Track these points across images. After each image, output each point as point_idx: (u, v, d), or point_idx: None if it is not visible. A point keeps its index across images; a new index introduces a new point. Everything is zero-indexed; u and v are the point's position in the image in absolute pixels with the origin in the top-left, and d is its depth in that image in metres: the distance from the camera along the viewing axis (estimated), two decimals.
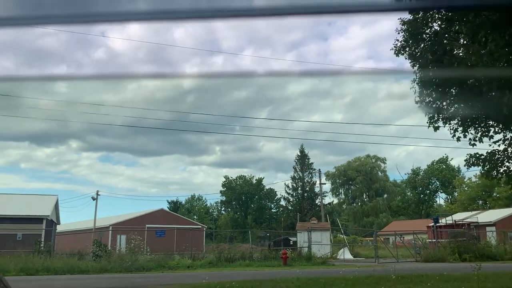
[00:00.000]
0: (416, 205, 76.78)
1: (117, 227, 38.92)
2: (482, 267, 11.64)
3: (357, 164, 75.89)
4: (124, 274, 19.84)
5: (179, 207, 77.60)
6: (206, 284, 13.48)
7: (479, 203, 62.20)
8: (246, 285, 13.09)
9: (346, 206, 79.00)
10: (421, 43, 12.23)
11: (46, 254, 23.79)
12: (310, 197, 60.64)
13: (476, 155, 13.24)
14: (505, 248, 28.88)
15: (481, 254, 26.41)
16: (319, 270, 20.43)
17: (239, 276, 16.32)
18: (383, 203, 72.87)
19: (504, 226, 37.78)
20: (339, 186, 77.74)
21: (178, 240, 36.30)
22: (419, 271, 16.82)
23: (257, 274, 18.06)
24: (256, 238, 46.60)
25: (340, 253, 31.69)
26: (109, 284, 14.05)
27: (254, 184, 76.53)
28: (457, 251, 26.88)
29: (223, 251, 27.07)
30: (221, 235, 62.45)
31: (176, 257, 25.88)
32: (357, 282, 13.78)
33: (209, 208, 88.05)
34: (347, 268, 20.82)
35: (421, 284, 12.86)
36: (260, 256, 27.47)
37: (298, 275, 15.95)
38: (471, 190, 63.69)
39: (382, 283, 13.00)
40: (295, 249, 29.80)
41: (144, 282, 14.98)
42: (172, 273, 20.95)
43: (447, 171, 74.12)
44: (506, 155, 12.95)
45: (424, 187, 76.60)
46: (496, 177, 13.89)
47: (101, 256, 23.57)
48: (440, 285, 12.52)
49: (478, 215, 41.92)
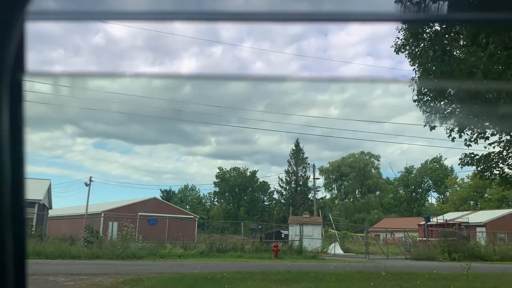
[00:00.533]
0: (408, 203, 77.27)
1: (110, 214, 38.89)
2: (471, 267, 11.79)
3: (351, 160, 76.19)
4: (115, 261, 19.87)
5: (172, 196, 77.64)
6: (197, 274, 13.54)
7: (471, 203, 62.71)
8: (237, 276, 13.16)
9: (338, 202, 79.40)
10: (421, 42, 12.26)
11: (38, 238, 23.75)
12: (303, 191, 60.85)
13: (471, 155, 13.35)
14: (494, 249, 29.17)
15: (470, 254, 26.71)
16: (310, 264, 20.58)
17: (230, 267, 16.40)
18: (375, 200, 73.31)
19: (494, 227, 38.17)
20: (332, 181, 78.11)
21: (170, 229, 36.35)
22: (408, 268, 16.99)
23: (248, 265, 18.15)
24: (248, 230, 46.78)
25: (330, 248, 31.89)
26: (100, 271, 14.08)
27: (248, 176, 76.68)
28: (447, 250, 27.13)
29: (214, 242, 27.17)
30: (213, 225, 62.61)
31: (168, 246, 25.94)
32: (348, 277, 13.89)
33: (202, 199, 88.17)
34: (337, 263, 20.97)
35: (411, 282, 12.99)
36: (252, 248, 27.60)
37: (289, 268, 16.05)
38: (463, 190, 64.18)
39: (372, 279, 13.12)
40: (287, 242, 29.95)
41: (135, 270, 15.02)
42: (164, 261, 21.01)
43: (440, 171, 74.57)
44: (501, 157, 13.05)
45: (417, 185, 77.07)
46: (489, 178, 14.01)
47: (92, 242, 23.57)
48: (429, 284, 12.65)
49: (469, 216, 42.30)
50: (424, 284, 12.59)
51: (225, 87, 72.92)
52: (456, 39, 11.84)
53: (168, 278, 12.64)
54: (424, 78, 12.10)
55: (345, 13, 1.32)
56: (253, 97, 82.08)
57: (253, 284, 11.49)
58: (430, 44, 11.87)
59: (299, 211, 48.38)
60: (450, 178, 70.09)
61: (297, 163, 62.26)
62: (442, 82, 11.75)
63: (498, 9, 1.36)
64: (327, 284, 12.15)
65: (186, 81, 69.37)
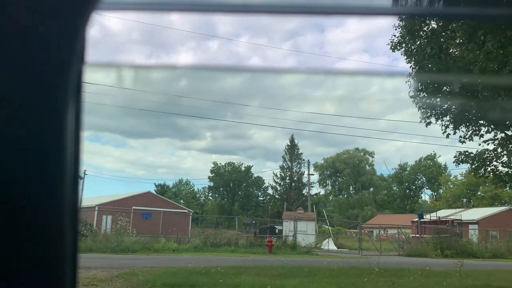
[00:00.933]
0: (401, 200, 77.64)
1: (103, 208, 38.79)
2: (463, 264, 11.87)
3: (345, 156, 76.37)
4: (109, 255, 19.84)
5: (166, 190, 77.56)
6: (191, 268, 13.55)
7: (464, 201, 63.11)
8: (231, 271, 13.19)
9: (332, 198, 79.65)
10: (417, 40, 12.27)
11: None
12: (297, 187, 61.00)
13: (466, 153, 13.43)
14: (486, 246, 29.41)
15: (462, 251, 26.89)
16: (304, 260, 20.64)
17: (224, 262, 16.43)
18: (368, 196, 73.59)
19: (487, 225, 38.46)
20: (326, 177, 78.28)
21: (164, 224, 36.33)
22: (401, 265, 17.09)
23: (242, 260, 18.19)
24: (242, 225, 46.82)
25: (324, 244, 31.98)
26: (94, 264, 14.05)
27: (243, 171, 76.74)
28: (440, 247, 27.31)
29: (209, 236, 27.19)
30: (207, 220, 62.64)
31: (162, 240, 25.93)
32: (341, 273, 13.96)
33: (196, 193, 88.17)
34: (331, 258, 21.07)
35: (404, 278, 13.08)
36: (246, 243, 27.65)
37: (282, 263, 16.10)
38: (456, 188, 64.57)
39: (365, 275, 13.20)
40: (281, 238, 30.02)
41: (129, 264, 15.01)
42: (158, 256, 21.01)
43: (433, 168, 74.96)
44: (495, 155, 13.13)
45: (410, 182, 77.45)
46: (483, 176, 14.10)
47: (86, 235, 23.54)
48: (422, 280, 12.74)
49: (461, 213, 42.59)
50: (417, 280, 12.68)
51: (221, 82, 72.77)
52: (452, 37, 11.87)
53: (162, 272, 12.64)
54: (421, 75, 12.13)
55: (343, 7, 1.31)
56: (248, 92, 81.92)
57: (247, 279, 11.52)
58: (426, 42, 11.90)
59: (293, 207, 48.51)
60: (443, 176, 70.48)
61: (292, 159, 62.36)
62: (439, 78, 11.79)
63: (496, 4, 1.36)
64: (320, 280, 12.20)
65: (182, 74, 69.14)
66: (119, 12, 1.38)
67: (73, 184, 0.79)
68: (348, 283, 11.60)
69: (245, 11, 1.41)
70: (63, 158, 0.76)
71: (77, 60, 0.78)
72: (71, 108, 0.78)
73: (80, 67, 0.81)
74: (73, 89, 0.78)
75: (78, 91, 0.81)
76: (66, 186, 0.77)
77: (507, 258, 27.55)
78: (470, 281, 12.34)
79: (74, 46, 0.77)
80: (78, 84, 0.81)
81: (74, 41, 0.77)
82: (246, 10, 1.40)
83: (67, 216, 0.77)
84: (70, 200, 0.77)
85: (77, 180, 0.81)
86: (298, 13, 1.37)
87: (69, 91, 0.77)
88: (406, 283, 12.15)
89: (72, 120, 0.79)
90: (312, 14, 1.39)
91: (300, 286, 10.98)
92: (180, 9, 1.46)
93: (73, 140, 0.80)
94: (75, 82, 0.79)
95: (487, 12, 1.49)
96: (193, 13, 1.30)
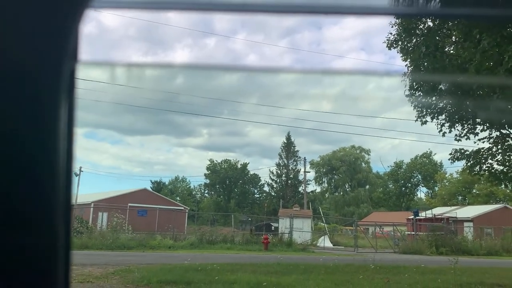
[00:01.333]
0: (397, 197, 77.94)
1: (99, 204, 38.75)
2: (458, 261, 11.94)
3: (341, 154, 76.52)
4: (105, 252, 19.82)
5: (162, 187, 77.47)
6: (188, 265, 13.56)
7: (459, 198, 63.40)
8: (227, 268, 13.20)
9: (328, 195, 79.81)
10: (413, 38, 12.29)
11: None
12: (293, 184, 61.09)
13: (461, 151, 13.50)
14: (480, 244, 29.57)
15: (457, 249, 27.05)
16: (300, 257, 20.70)
17: (220, 259, 16.46)
18: (364, 194, 73.79)
19: (482, 222, 38.64)
20: (322, 175, 78.43)
21: (160, 220, 36.32)
22: (397, 262, 17.17)
23: (239, 257, 18.22)
24: (238, 222, 46.90)
25: (320, 241, 32.07)
26: (90, 261, 14.04)
27: (239, 168, 76.76)
28: (435, 244, 27.45)
29: (205, 234, 27.18)
30: (203, 217, 62.65)
31: (158, 237, 25.93)
32: (337, 270, 14.00)
33: (193, 191, 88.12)
34: (327, 255, 21.13)
35: (399, 275, 13.14)
36: (242, 240, 27.67)
37: (278, 260, 16.14)
38: (452, 185, 64.84)
39: (361, 272, 13.24)
40: (277, 235, 30.08)
41: (125, 261, 15.00)
42: (154, 252, 21.00)
43: (429, 166, 75.25)
44: (490, 153, 13.20)
45: (406, 180, 77.73)
46: (478, 174, 14.17)
47: (82, 232, 23.50)
48: (417, 277, 12.79)
49: (457, 211, 42.77)
50: (412, 277, 12.73)
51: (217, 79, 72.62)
52: (448, 35, 11.90)
53: (158, 269, 12.64)
54: (416, 73, 12.16)
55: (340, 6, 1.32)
56: (245, 89, 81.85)
57: (243, 276, 11.53)
58: (422, 40, 11.92)
59: (290, 204, 48.61)
60: (439, 173, 70.75)
61: (288, 156, 62.43)
62: (435, 77, 11.82)
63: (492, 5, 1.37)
64: (316, 277, 12.23)
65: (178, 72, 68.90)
66: (114, 10, 1.38)
67: (66, 181, 0.79)
68: (344, 280, 11.64)
69: (243, 10, 1.41)
70: (56, 155, 0.76)
71: (70, 58, 0.78)
72: (64, 106, 0.78)
73: (73, 65, 0.81)
74: (65, 87, 0.78)
75: (71, 89, 0.81)
76: (59, 183, 0.76)
77: (501, 255, 27.74)
78: (465, 278, 12.41)
79: (67, 43, 0.77)
80: (71, 82, 0.80)
81: (67, 38, 0.76)
82: (244, 10, 1.40)
83: (60, 213, 0.76)
84: (63, 197, 0.77)
85: (70, 177, 0.80)
86: (296, 13, 1.37)
87: (61, 89, 0.77)
88: (401, 280, 12.20)
89: (65, 117, 0.78)
90: (310, 13, 1.40)
91: (296, 283, 11.01)
92: (177, 7, 1.47)
93: (66, 137, 0.79)
94: (68, 80, 0.78)
95: (483, 13, 1.50)
96: (190, 12, 1.29)
